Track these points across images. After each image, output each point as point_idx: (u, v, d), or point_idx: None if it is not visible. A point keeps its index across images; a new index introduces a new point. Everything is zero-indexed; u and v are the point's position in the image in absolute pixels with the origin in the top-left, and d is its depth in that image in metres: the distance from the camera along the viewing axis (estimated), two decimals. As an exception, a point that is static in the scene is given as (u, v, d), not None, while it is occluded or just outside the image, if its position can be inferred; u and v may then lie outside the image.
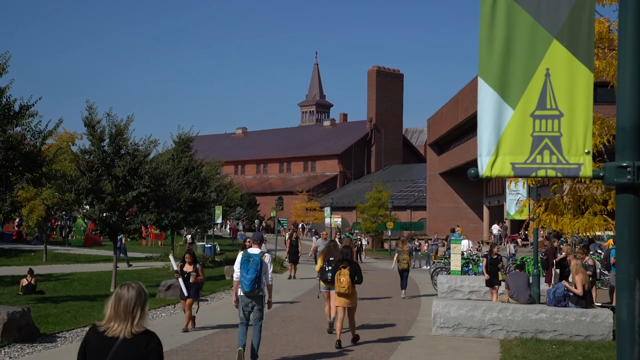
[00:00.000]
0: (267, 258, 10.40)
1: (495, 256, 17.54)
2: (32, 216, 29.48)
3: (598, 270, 20.35)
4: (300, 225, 63.61)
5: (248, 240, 13.81)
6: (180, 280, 13.21)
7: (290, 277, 25.52)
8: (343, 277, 11.79)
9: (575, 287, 13.19)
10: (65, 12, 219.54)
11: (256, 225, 69.16)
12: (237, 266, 10.51)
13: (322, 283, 13.50)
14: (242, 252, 10.62)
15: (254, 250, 10.53)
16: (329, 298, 13.37)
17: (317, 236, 36.45)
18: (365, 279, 13.83)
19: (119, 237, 34.06)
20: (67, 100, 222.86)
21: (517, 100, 3.21)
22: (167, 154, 29.06)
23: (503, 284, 16.18)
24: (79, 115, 70.55)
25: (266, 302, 10.47)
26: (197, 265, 13.41)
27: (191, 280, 13.21)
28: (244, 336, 10.28)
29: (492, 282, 17.21)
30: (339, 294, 11.85)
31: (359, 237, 43.68)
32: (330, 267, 12.78)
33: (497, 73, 3.22)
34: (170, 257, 14.30)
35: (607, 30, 10.68)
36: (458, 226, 39.43)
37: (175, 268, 13.37)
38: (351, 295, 11.88)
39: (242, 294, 10.36)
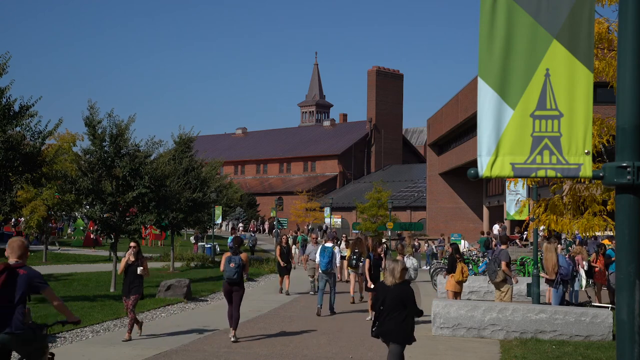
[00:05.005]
0: (336, 249, 17.53)
1: (378, 257, 15.74)
2: (33, 217, 29.48)
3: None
4: (253, 225, 62.34)
5: (313, 236, 23.02)
6: None
7: (281, 291, 20.46)
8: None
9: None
10: (65, 12, 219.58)
11: (267, 227, 68.73)
12: (318, 254, 17.08)
13: (348, 268, 18.05)
14: (320, 245, 17.42)
15: (328, 244, 17.65)
16: (353, 279, 18.32)
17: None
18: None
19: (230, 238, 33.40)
20: (67, 100, 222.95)
21: (517, 100, 3.21)
22: (168, 155, 29.02)
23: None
24: (80, 115, 70.58)
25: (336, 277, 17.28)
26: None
27: None
28: (322, 299, 15.99)
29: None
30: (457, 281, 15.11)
31: (385, 240, 40.99)
32: (355, 257, 17.06)
33: (497, 73, 3.22)
34: None
35: (606, 30, 10.67)
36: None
37: None
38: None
39: (320, 271, 16.60)
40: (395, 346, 8.01)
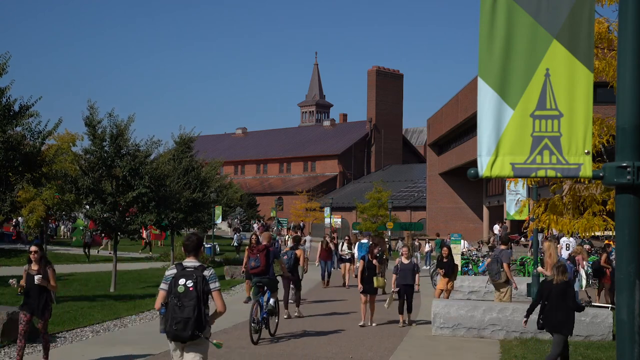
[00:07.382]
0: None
1: (372, 259, 14.65)
2: (32, 217, 29.46)
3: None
4: (260, 224, 61.00)
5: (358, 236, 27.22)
6: None
7: (248, 300, 17.02)
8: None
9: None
10: (65, 12, 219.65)
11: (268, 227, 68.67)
12: (356, 249, 22.20)
13: None
14: (358, 242, 22.47)
15: (364, 240, 22.21)
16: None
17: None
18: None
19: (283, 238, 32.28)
20: (67, 100, 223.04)
21: (517, 100, 3.20)
22: (168, 154, 29.02)
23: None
24: (80, 115, 70.58)
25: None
26: None
27: None
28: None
29: (365, 290, 14.27)
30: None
31: (387, 239, 37.34)
32: (378, 255, 16.71)
33: (497, 73, 3.22)
34: None
35: (606, 30, 10.66)
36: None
37: None
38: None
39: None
40: (559, 336, 9.13)
